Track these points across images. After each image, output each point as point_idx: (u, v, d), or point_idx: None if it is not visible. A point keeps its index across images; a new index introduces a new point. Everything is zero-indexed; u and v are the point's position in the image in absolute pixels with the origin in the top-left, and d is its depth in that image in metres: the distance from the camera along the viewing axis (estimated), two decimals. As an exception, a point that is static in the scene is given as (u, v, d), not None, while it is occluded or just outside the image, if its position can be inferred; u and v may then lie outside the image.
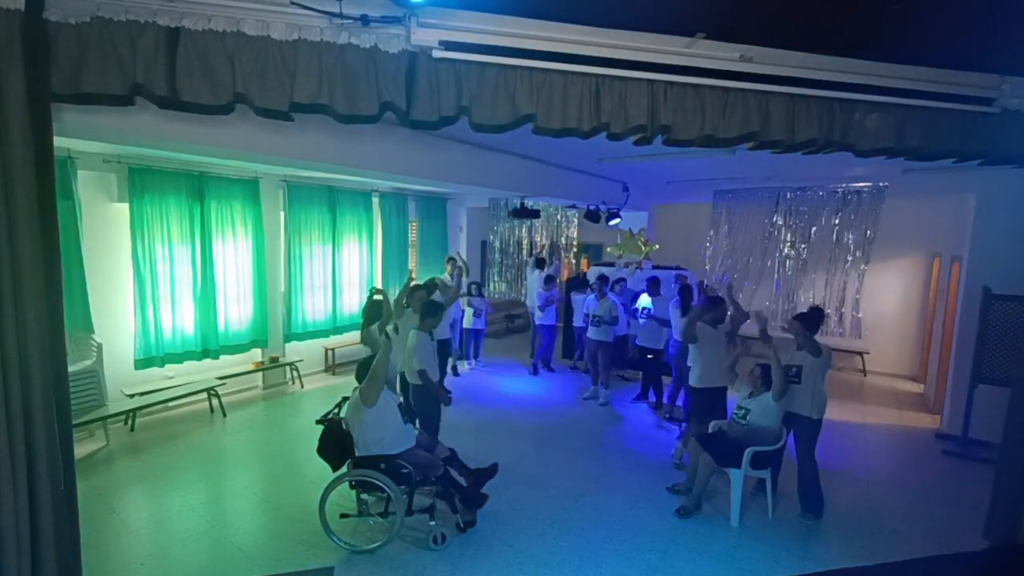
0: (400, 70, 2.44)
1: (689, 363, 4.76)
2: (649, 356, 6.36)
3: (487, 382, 7.24)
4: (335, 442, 3.68)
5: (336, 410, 3.91)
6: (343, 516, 3.69)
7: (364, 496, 3.77)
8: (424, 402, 4.40)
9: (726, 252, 8.88)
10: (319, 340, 7.60)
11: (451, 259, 7.89)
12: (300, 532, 3.72)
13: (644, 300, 6.47)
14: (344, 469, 3.71)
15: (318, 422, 3.78)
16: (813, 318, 4.05)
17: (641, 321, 6.34)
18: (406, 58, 2.45)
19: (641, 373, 6.79)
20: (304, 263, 7.20)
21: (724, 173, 7.09)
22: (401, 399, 3.73)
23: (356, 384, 3.57)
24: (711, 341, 4.59)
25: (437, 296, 5.51)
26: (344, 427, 3.64)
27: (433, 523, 3.55)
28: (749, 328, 4.90)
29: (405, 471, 3.45)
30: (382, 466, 3.44)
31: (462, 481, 3.81)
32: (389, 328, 4.58)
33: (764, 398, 3.97)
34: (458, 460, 3.88)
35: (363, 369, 3.54)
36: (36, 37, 2.07)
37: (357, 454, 3.51)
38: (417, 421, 4.31)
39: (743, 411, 4.07)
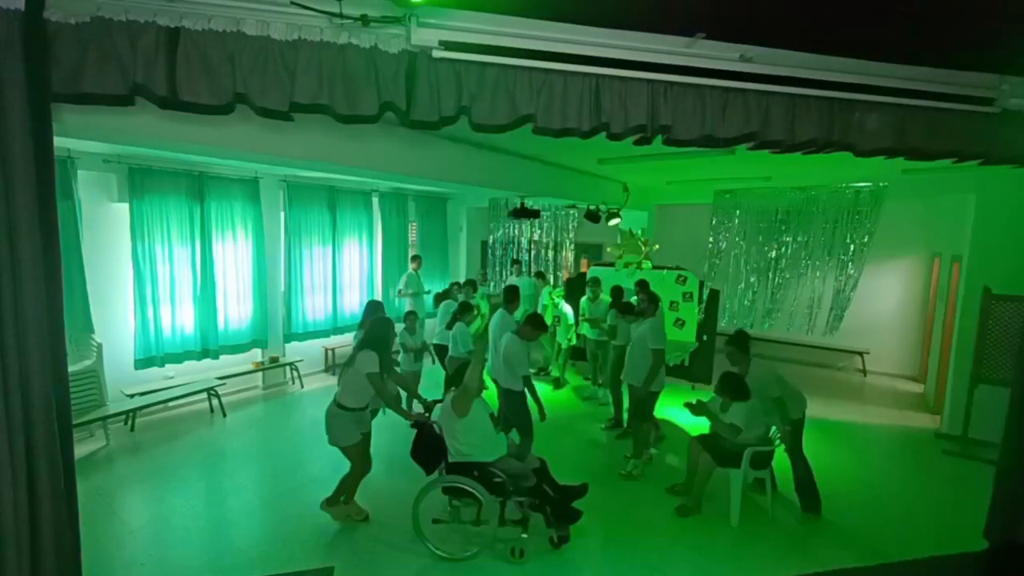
0: (400, 70, 2.44)
1: (634, 363, 4.74)
2: None
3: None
4: (428, 446, 3.64)
5: (427, 415, 3.84)
6: (435, 521, 3.62)
7: (456, 503, 3.68)
8: (517, 407, 4.32)
9: (726, 251, 8.87)
10: (319, 340, 7.60)
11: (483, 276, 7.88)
12: (300, 532, 3.72)
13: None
14: (436, 474, 3.64)
15: (412, 426, 3.71)
16: (741, 339, 4.10)
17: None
18: (406, 58, 2.45)
19: None
20: (304, 263, 7.20)
21: (724, 173, 7.09)
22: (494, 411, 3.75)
23: (446, 390, 3.60)
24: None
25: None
26: (438, 431, 3.59)
27: (525, 535, 3.46)
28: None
29: (498, 480, 3.38)
30: (475, 473, 3.39)
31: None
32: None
33: (744, 407, 3.86)
34: (548, 473, 3.73)
35: (456, 376, 3.55)
36: (36, 37, 2.07)
37: (450, 460, 3.47)
38: (513, 428, 4.33)
39: (734, 428, 3.85)
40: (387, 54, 2.42)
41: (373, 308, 5.28)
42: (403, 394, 4.60)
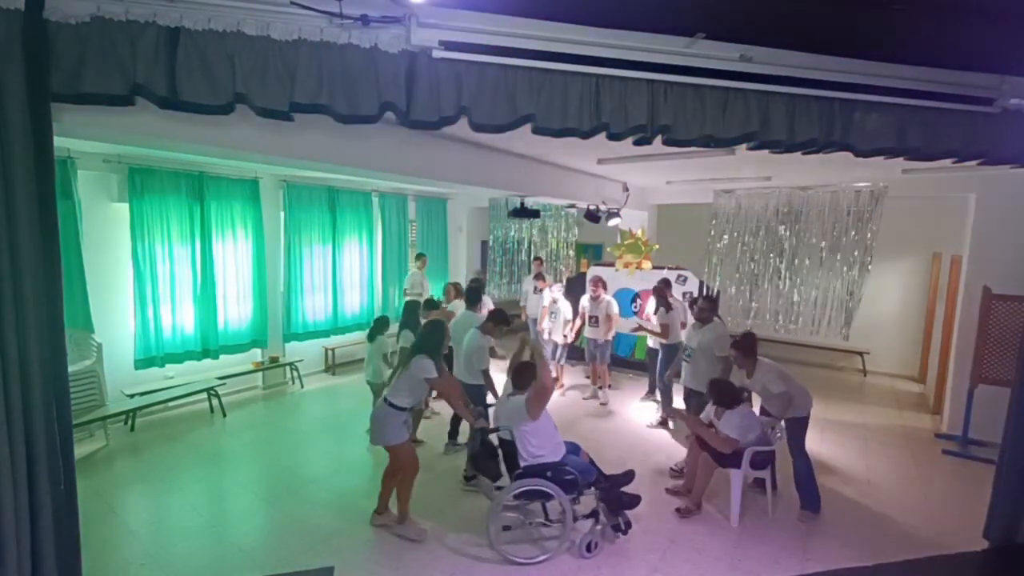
0: (400, 70, 2.44)
1: (698, 368, 4.82)
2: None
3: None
4: (491, 454, 3.68)
5: (487, 423, 3.82)
6: (506, 528, 3.64)
7: (525, 505, 3.73)
8: (476, 401, 4.39)
9: (726, 253, 8.86)
10: (319, 340, 7.60)
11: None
12: (300, 532, 3.72)
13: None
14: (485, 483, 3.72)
15: (486, 431, 3.72)
16: (748, 343, 4.11)
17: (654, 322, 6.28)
18: (406, 58, 2.45)
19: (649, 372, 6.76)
20: (304, 263, 7.21)
21: (724, 173, 7.09)
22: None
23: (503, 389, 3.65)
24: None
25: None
26: (509, 437, 3.58)
27: (599, 527, 3.51)
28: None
29: (570, 477, 3.40)
30: (548, 474, 3.40)
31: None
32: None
33: (736, 415, 3.89)
34: (595, 465, 3.80)
35: (523, 375, 3.55)
36: (36, 37, 2.07)
37: (522, 464, 3.46)
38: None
39: (729, 442, 3.87)
40: (387, 54, 2.42)
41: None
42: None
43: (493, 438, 3.79)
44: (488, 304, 6.19)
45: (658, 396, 6.46)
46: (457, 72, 2.50)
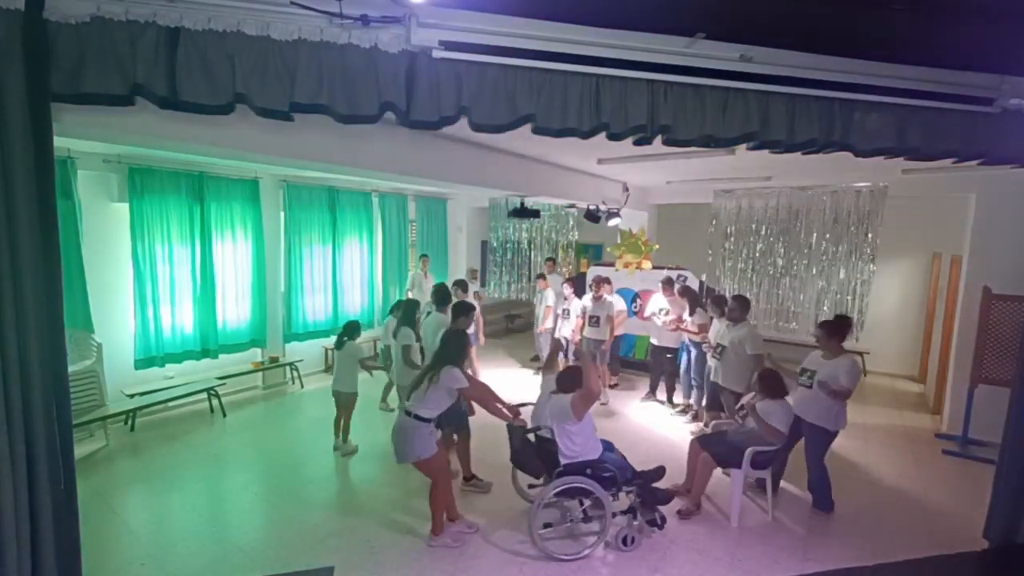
0: (400, 70, 2.44)
1: (730, 365, 4.94)
2: (668, 355, 6.34)
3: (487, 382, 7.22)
4: (531, 452, 3.76)
5: (526, 422, 3.83)
6: (546, 526, 3.69)
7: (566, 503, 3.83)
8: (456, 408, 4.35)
9: (726, 253, 8.85)
10: (319, 340, 7.60)
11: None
12: (300, 532, 3.72)
13: (659, 301, 6.43)
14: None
15: (531, 431, 3.82)
16: (843, 324, 4.11)
17: (658, 321, 6.30)
18: (406, 58, 2.45)
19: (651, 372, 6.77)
20: (304, 263, 7.21)
21: (724, 173, 7.09)
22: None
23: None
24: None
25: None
26: (549, 435, 3.62)
27: (636, 523, 3.59)
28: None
29: (608, 474, 3.48)
30: (588, 471, 3.46)
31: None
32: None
33: (781, 408, 3.91)
34: (627, 462, 3.87)
35: (568, 379, 3.60)
36: (36, 37, 2.07)
37: (563, 463, 3.50)
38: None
39: (778, 433, 3.90)
40: (387, 54, 2.42)
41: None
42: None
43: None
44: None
45: (660, 396, 6.50)
46: (457, 72, 2.50)
